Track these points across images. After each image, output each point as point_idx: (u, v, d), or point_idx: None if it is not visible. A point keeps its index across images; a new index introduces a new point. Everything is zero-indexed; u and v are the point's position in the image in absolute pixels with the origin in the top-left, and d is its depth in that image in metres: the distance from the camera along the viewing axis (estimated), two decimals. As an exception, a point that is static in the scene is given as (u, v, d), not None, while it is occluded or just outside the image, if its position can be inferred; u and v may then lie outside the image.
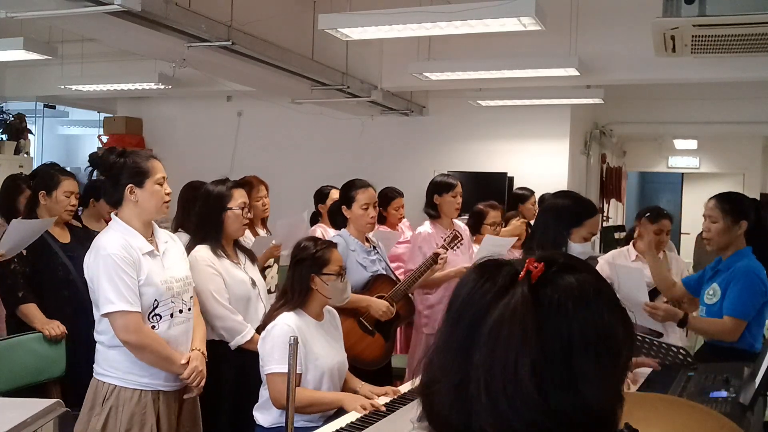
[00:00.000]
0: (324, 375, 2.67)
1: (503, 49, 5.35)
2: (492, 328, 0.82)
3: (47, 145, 10.16)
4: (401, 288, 3.58)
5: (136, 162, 2.55)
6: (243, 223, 3.11)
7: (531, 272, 0.84)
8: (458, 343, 0.85)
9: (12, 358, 3.01)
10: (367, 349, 3.42)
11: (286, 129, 8.01)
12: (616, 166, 10.14)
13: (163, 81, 6.31)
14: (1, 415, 1.80)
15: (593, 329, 0.82)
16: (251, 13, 4.63)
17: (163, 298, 2.54)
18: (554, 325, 0.81)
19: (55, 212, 3.50)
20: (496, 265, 0.89)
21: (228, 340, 3.01)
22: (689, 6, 2.97)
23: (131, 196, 2.53)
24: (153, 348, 2.49)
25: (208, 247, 3.02)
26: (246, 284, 3.08)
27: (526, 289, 0.83)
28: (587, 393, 0.80)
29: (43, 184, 3.53)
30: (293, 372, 2.06)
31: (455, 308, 0.88)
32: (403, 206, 5.24)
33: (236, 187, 3.14)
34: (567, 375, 0.80)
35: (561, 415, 0.79)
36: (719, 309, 2.93)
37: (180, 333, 2.61)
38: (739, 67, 5.10)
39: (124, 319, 2.44)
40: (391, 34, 4.19)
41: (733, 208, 2.99)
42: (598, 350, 0.82)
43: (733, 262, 2.99)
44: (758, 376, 2.09)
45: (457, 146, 7.64)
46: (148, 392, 2.54)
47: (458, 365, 0.84)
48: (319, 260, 2.71)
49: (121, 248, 2.46)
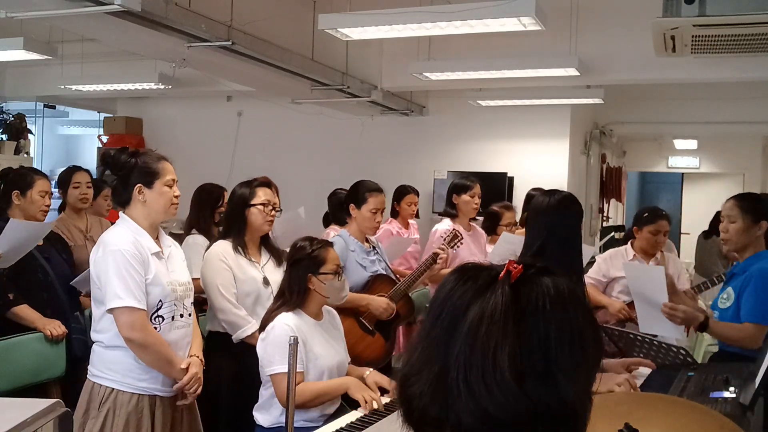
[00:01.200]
0: (324, 374, 2.67)
1: (503, 49, 5.35)
2: (472, 321, 0.86)
3: (47, 145, 10.16)
4: (401, 287, 3.58)
5: (146, 162, 2.55)
6: (266, 219, 3.15)
7: (511, 272, 0.89)
8: (439, 337, 0.89)
9: (12, 358, 3.01)
10: (367, 348, 3.43)
11: (286, 129, 8.01)
12: (616, 166, 10.14)
13: (163, 81, 6.31)
14: (1, 415, 1.80)
15: (569, 328, 0.87)
16: (251, 13, 4.63)
17: (167, 299, 2.53)
18: (533, 321, 0.86)
19: (30, 212, 3.47)
20: (477, 268, 0.94)
21: (230, 333, 3.06)
22: (689, 6, 2.97)
23: (140, 196, 2.53)
24: (156, 348, 2.47)
25: (229, 243, 3.10)
26: (257, 282, 3.11)
27: (506, 287, 0.87)
28: (562, 384, 0.84)
29: (16, 184, 3.50)
30: (293, 372, 2.06)
31: (436, 305, 0.92)
32: (417, 203, 5.27)
33: (262, 185, 3.19)
34: (543, 366, 0.84)
35: (537, 404, 0.83)
36: (733, 314, 2.83)
37: (179, 337, 2.59)
38: (739, 67, 5.11)
39: (131, 315, 2.41)
40: (391, 34, 4.19)
41: (753, 207, 2.91)
42: (573, 347, 0.86)
43: (749, 264, 2.89)
44: (758, 376, 2.09)
45: (457, 146, 7.64)
46: (146, 396, 2.50)
47: (438, 357, 0.87)
48: (316, 260, 2.71)
49: (131, 245, 2.45)
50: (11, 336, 3.12)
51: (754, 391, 2.05)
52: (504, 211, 4.65)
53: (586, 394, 0.89)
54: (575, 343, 0.87)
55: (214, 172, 5.47)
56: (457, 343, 0.86)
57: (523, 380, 0.82)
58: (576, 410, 0.86)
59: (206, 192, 3.92)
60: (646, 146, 11.55)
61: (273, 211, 3.18)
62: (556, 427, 0.85)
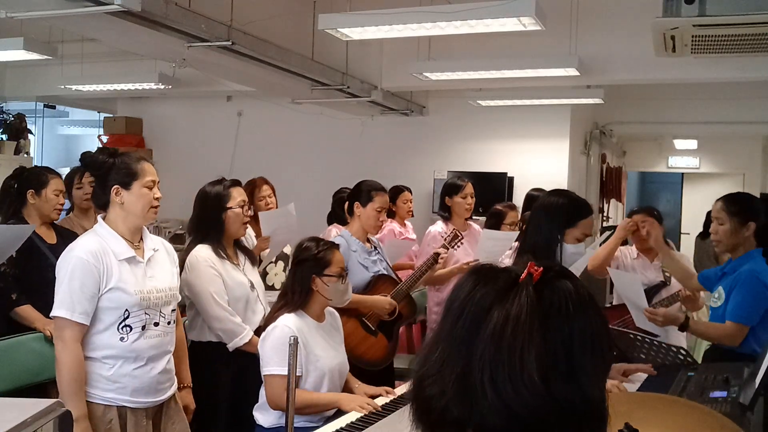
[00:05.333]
0: (325, 376, 2.67)
1: (503, 49, 5.35)
2: (497, 323, 0.87)
3: (47, 145, 10.16)
4: (403, 288, 3.58)
5: (125, 162, 2.45)
6: (243, 221, 3.10)
7: (532, 275, 0.91)
8: (460, 338, 0.90)
9: (12, 358, 3.00)
10: (370, 349, 3.42)
11: (286, 129, 8.00)
12: (616, 166, 10.13)
13: (163, 81, 6.31)
14: (1, 415, 1.80)
15: (589, 329, 0.90)
16: (251, 13, 4.63)
17: (135, 308, 2.39)
18: (557, 323, 0.88)
19: (45, 211, 3.49)
20: (493, 269, 0.95)
21: (226, 342, 3.00)
22: (689, 6, 2.97)
23: (117, 198, 2.43)
24: (66, 370, 2.32)
25: (210, 247, 3.01)
26: (245, 286, 3.07)
27: (531, 290, 0.89)
28: (585, 384, 0.87)
29: (31, 183, 3.51)
30: (293, 372, 2.05)
31: (456, 306, 0.92)
32: (411, 201, 5.25)
33: (234, 186, 3.13)
34: (567, 367, 0.87)
35: (563, 404, 0.86)
36: (723, 313, 2.88)
37: (151, 346, 2.45)
38: (739, 67, 5.10)
39: (62, 326, 2.33)
40: (391, 34, 4.19)
41: (741, 209, 2.93)
42: (594, 348, 0.90)
43: (739, 264, 2.93)
44: (758, 376, 2.09)
45: (457, 146, 7.63)
46: (113, 408, 2.39)
47: (459, 357, 0.88)
48: (321, 261, 2.70)
49: (90, 253, 2.34)
50: (11, 336, 3.12)
51: (754, 391, 2.05)
52: (507, 210, 4.63)
53: (604, 389, 0.91)
54: (595, 344, 0.90)
55: (214, 172, 5.43)
56: (480, 344, 0.87)
57: (549, 381, 0.85)
58: (600, 409, 0.89)
59: None
60: (646, 146, 11.54)
61: (249, 210, 3.13)
62: (581, 426, 0.87)
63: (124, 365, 2.40)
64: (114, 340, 2.39)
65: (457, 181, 4.35)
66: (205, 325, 3.03)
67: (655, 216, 3.84)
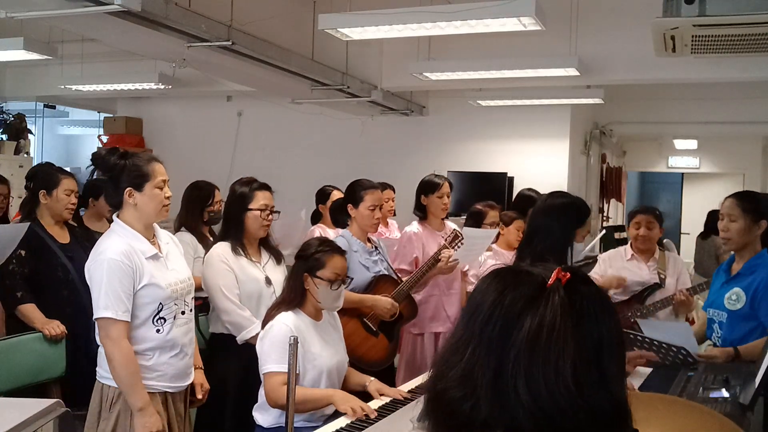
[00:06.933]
0: (323, 375, 2.66)
1: (503, 49, 5.35)
2: (530, 329, 0.89)
3: (47, 145, 10.17)
4: (404, 288, 3.58)
5: (136, 165, 2.51)
6: (263, 225, 3.13)
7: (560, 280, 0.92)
8: (491, 342, 0.90)
9: (12, 358, 3.01)
10: (371, 349, 3.42)
11: (286, 129, 8.01)
12: (616, 166, 10.14)
13: (163, 81, 6.31)
14: (1, 415, 1.81)
15: (614, 332, 0.93)
16: (251, 13, 4.63)
17: (167, 301, 2.52)
18: (588, 329, 0.90)
19: (56, 211, 3.50)
20: (515, 273, 0.97)
21: (234, 334, 3.06)
22: (689, 6, 2.97)
23: (130, 199, 2.50)
24: (122, 365, 2.40)
25: (228, 244, 3.09)
26: (259, 282, 3.10)
27: (563, 295, 0.90)
28: (613, 387, 0.90)
29: (43, 183, 3.52)
30: (293, 372, 2.05)
31: (484, 311, 0.93)
32: (394, 199, 5.19)
33: (261, 189, 3.17)
34: (597, 371, 0.89)
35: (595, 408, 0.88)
36: (747, 314, 2.80)
37: (182, 334, 2.59)
38: (739, 67, 5.11)
39: (107, 325, 2.40)
40: (391, 34, 4.19)
41: (754, 207, 2.89)
42: (619, 351, 0.93)
43: (756, 265, 2.86)
44: (758, 376, 2.09)
45: (457, 146, 7.64)
46: (155, 394, 2.51)
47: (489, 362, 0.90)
48: (315, 261, 2.69)
49: (122, 254, 2.42)
50: (11, 336, 3.12)
51: (754, 391, 2.05)
52: (488, 209, 4.54)
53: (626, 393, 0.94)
54: (620, 346, 0.93)
55: (214, 172, 5.46)
56: (513, 349, 0.88)
57: (582, 386, 0.86)
58: (626, 410, 0.91)
59: (197, 189, 3.92)
60: (646, 146, 11.55)
61: (270, 215, 3.16)
62: (612, 427, 0.89)
63: (162, 355, 2.54)
64: (151, 333, 2.51)
65: (434, 179, 4.09)
66: (216, 318, 3.13)
67: (656, 216, 3.84)
